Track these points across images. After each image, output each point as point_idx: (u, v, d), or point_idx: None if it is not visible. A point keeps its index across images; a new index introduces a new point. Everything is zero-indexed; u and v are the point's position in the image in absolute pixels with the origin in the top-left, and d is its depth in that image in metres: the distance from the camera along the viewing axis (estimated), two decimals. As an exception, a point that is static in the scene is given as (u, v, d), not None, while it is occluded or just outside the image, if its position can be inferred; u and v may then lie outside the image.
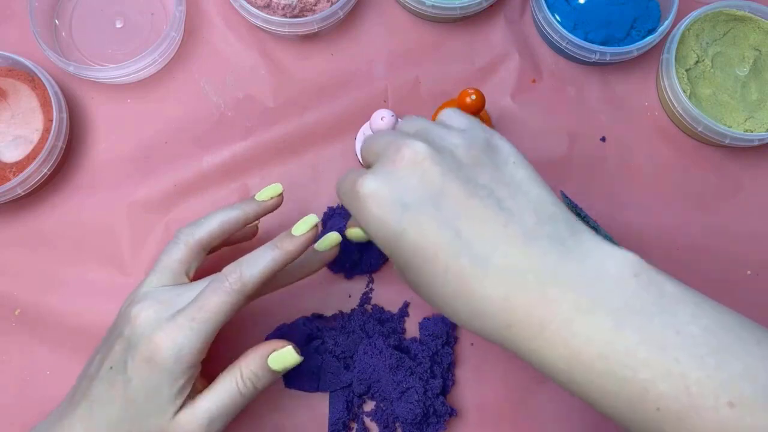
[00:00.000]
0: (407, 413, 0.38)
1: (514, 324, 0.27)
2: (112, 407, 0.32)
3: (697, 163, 0.46)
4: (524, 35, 0.48)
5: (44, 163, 0.42)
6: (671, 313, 0.26)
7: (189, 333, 0.32)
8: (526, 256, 0.27)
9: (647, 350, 0.25)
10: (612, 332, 0.25)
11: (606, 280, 0.27)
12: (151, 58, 0.44)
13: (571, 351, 0.26)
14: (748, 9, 0.46)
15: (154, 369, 0.32)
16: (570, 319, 0.26)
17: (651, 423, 0.25)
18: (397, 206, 0.28)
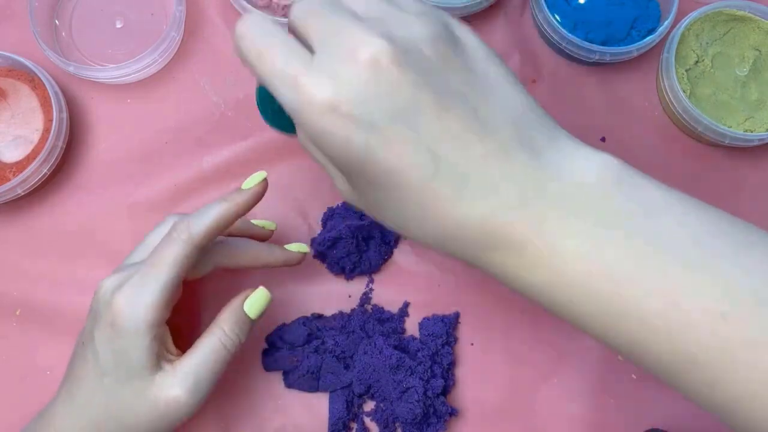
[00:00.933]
0: (407, 413, 0.38)
1: (492, 246, 0.25)
2: (88, 383, 0.32)
3: (697, 163, 0.46)
4: (524, 35, 0.48)
5: (44, 163, 0.42)
6: (657, 222, 0.24)
7: (145, 289, 0.31)
8: (503, 174, 0.25)
9: (633, 264, 0.23)
10: (595, 248, 0.24)
11: (588, 192, 0.25)
12: (151, 58, 0.44)
13: (554, 270, 0.25)
14: (748, 9, 0.46)
15: (118, 333, 0.31)
16: (551, 236, 0.24)
17: (637, 341, 0.24)
18: (363, 124, 0.24)
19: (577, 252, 0.24)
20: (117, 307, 0.31)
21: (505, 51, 0.48)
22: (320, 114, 0.25)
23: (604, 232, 0.24)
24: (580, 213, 0.25)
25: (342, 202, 0.44)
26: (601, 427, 0.41)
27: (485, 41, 0.47)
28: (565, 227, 0.24)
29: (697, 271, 0.23)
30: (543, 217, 0.25)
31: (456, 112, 0.25)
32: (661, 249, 0.24)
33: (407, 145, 0.25)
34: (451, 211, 0.25)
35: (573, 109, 0.47)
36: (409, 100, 0.25)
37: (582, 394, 0.42)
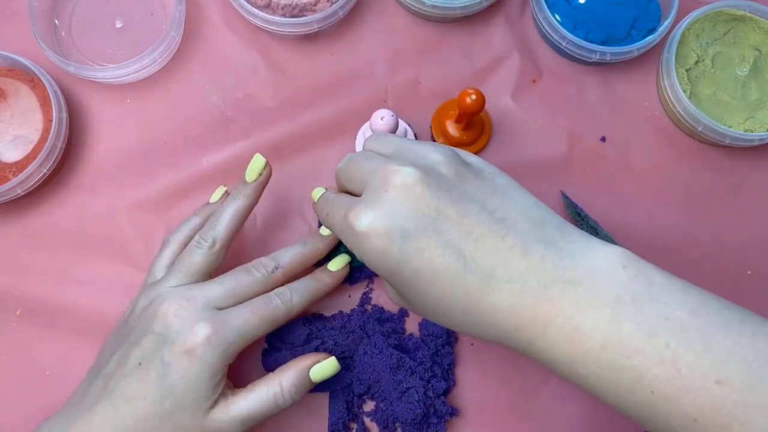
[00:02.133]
0: (407, 413, 0.38)
1: (520, 328, 0.29)
2: (142, 403, 0.33)
3: (697, 163, 0.46)
4: (524, 35, 0.48)
5: (44, 163, 0.42)
6: (661, 302, 0.27)
7: (228, 326, 0.34)
8: (526, 266, 0.29)
9: (640, 338, 0.27)
10: (608, 324, 0.27)
11: (599, 276, 0.28)
12: (151, 58, 0.44)
13: (574, 345, 0.28)
14: (748, 9, 0.46)
15: (195, 362, 0.33)
16: (571, 315, 0.28)
17: (646, 406, 0.27)
18: (396, 236, 0.29)
19: (594, 327, 0.27)
20: (200, 337, 0.33)
21: (505, 51, 0.48)
22: (363, 236, 0.30)
23: (616, 309, 0.27)
24: (595, 294, 0.28)
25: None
26: (601, 427, 0.41)
27: (485, 41, 0.48)
28: (583, 306, 0.28)
29: (695, 345, 0.26)
30: (563, 299, 0.28)
31: (476, 216, 0.30)
32: (664, 324, 0.27)
33: (434, 247, 0.29)
34: (482, 300, 0.29)
35: (573, 109, 0.47)
36: (434, 210, 0.29)
37: (582, 394, 0.42)
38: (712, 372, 0.26)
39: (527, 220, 0.30)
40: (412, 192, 0.30)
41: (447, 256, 0.29)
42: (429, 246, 0.29)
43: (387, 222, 0.29)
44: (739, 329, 0.27)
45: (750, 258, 0.45)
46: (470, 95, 0.39)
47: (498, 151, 0.46)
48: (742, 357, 0.26)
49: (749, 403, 0.25)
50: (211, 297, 0.35)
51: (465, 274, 0.29)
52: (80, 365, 0.42)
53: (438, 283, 0.29)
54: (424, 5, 0.45)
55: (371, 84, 0.47)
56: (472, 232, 0.29)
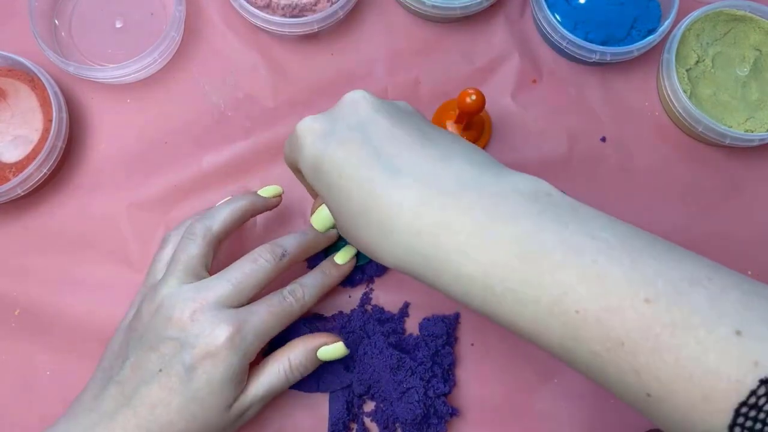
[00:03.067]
0: (407, 413, 0.38)
1: (424, 230, 0.27)
2: (166, 409, 0.32)
3: (697, 163, 0.46)
4: (524, 35, 0.48)
5: (44, 163, 0.42)
6: (585, 223, 0.26)
7: (249, 327, 0.34)
8: (442, 169, 0.28)
9: (564, 253, 0.25)
10: (528, 236, 0.25)
11: (522, 194, 0.27)
12: (151, 58, 0.44)
13: (488, 257, 0.26)
14: (749, 9, 0.46)
15: (218, 364, 0.33)
16: (486, 224, 0.26)
17: (569, 330, 0.25)
18: (327, 132, 0.30)
19: (513, 239, 0.26)
20: (219, 341, 0.33)
21: (505, 51, 0.48)
22: (299, 135, 0.32)
23: (537, 223, 0.26)
24: (515, 207, 0.26)
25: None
26: (601, 427, 0.41)
27: (485, 41, 0.48)
28: (501, 216, 0.26)
29: (623, 262, 0.25)
30: (477, 206, 0.26)
31: (407, 129, 0.30)
32: (590, 242, 0.25)
33: (354, 141, 0.29)
34: (387, 195, 0.28)
35: (573, 109, 0.47)
36: (367, 117, 0.30)
37: (582, 394, 0.42)
38: (640, 289, 0.24)
39: (457, 142, 0.30)
40: (355, 103, 0.31)
41: (364, 150, 0.29)
42: (352, 140, 0.29)
43: (323, 123, 0.31)
44: (666, 254, 0.25)
45: (751, 258, 0.45)
46: (470, 95, 0.39)
47: (498, 151, 0.46)
48: (670, 278, 0.24)
49: (678, 323, 0.23)
50: (221, 294, 0.35)
51: (375, 165, 0.28)
52: (80, 366, 0.42)
53: (348, 176, 0.29)
54: (424, 5, 0.45)
55: (371, 84, 0.47)
56: (397, 138, 0.29)
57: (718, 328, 0.23)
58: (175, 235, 0.39)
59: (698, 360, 0.23)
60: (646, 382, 0.24)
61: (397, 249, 0.28)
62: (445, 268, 0.27)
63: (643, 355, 0.24)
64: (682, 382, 0.23)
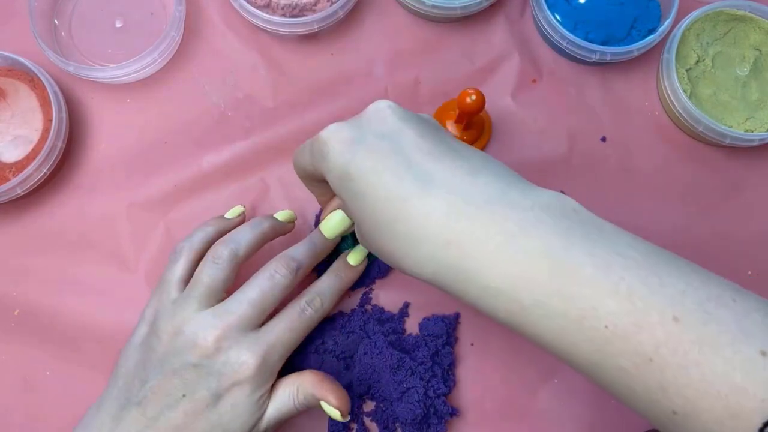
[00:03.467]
0: (407, 413, 0.38)
1: (453, 241, 0.27)
2: (193, 431, 0.32)
3: (697, 163, 0.46)
4: (524, 35, 0.48)
5: (44, 163, 0.42)
6: (612, 241, 0.26)
7: (274, 350, 0.34)
8: (470, 183, 0.28)
9: (593, 269, 0.25)
10: (557, 251, 0.26)
11: (549, 210, 0.27)
12: (151, 58, 0.44)
13: (516, 269, 0.26)
14: (749, 9, 0.46)
15: (245, 390, 0.33)
16: (513, 236, 0.26)
17: (596, 345, 0.25)
18: (355, 140, 0.30)
19: (543, 251, 0.26)
20: (249, 370, 0.33)
21: (505, 51, 0.48)
22: (324, 141, 0.31)
23: (566, 239, 0.26)
24: (544, 221, 0.26)
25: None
26: (601, 427, 0.41)
27: (485, 41, 0.48)
28: (530, 229, 0.26)
29: (651, 281, 0.25)
30: (508, 218, 0.27)
31: (435, 142, 0.30)
32: (617, 259, 0.25)
33: (383, 150, 0.29)
34: (415, 205, 0.28)
35: (573, 109, 0.47)
36: (397, 127, 0.30)
37: (582, 394, 0.42)
38: (668, 308, 0.24)
39: (484, 159, 0.30)
40: (381, 113, 0.31)
41: (394, 159, 0.29)
42: (381, 149, 0.29)
43: (351, 131, 0.31)
44: (692, 274, 0.26)
45: (750, 258, 0.45)
46: (470, 95, 0.39)
47: (498, 151, 0.46)
48: (697, 297, 0.25)
49: (705, 341, 0.24)
50: (243, 318, 0.34)
51: (405, 175, 0.28)
52: (80, 366, 0.42)
53: (377, 185, 0.28)
54: (424, 5, 0.45)
55: (371, 84, 0.47)
56: (425, 150, 0.29)
57: (744, 348, 0.23)
58: (187, 249, 0.38)
59: (726, 378, 0.23)
60: (673, 399, 0.24)
61: (425, 260, 0.28)
62: (473, 280, 0.27)
63: (671, 372, 0.24)
64: (710, 399, 0.23)
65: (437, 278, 0.28)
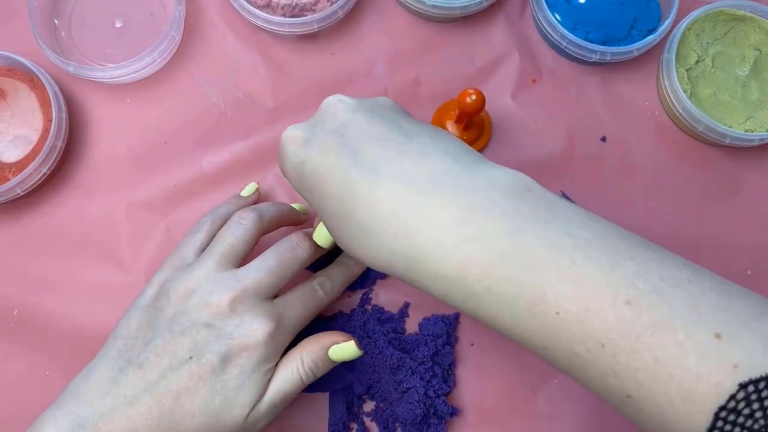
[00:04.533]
0: (407, 413, 0.38)
1: (400, 231, 0.26)
2: (191, 399, 0.31)
3: (697, 163, 0.46)
4: (524, 35, 0.48)
5: (44, 163, 0.42)
6: (564, 220, 0.26)
7: (287, 317, 0.34)
8: (418, 165, 0.27)
9: (544, 252, 0.25)
10: (507, 234, 0.25)
11: (499, 189, 0.26)
12: (150, 57, 0.44)
13: (466, 255, 0.25)
14: (749, 9, 0.46)
15: (252, 357, 0.32)
16: (460, 221, 0.25)
17: (549, 330, 0.25)
18: (307, 139, 0.31)
19: (491, 236, 0.25)
20: (260, 335, 0.33)
21: (505, 51, 0.48)
22: (282, 144, 0.32)
23: (515, 221, 0.25)
24: (492, 203, 0.26)
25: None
26: (601, 427, 0.41)
27: (485, 41, 0.48)
28: (477, 212, 0.25)
29: (602, 263, 0.24)
30: (454, 201, 0.26)
31: (385, 126, 0.29)
32: (568, 240, 0.25)
33: (332, 145, 0.29)
34: (366, 196, 0.27)
35: (573, 109, 0.47)
36: (348, 118, 0.30)
37: (582, 394, 0.42)
38: (620, 291, 0.24)
39: (433, 136, 0.29)
40: (332, 108, 0.31)
41: (342, 152, 0.29)
42: (330, 145, 0.29)
43: (304, 130, 0.31)
44: (644, 253, 0.25)
45: (750, 258, 0.45)
46: (470, 95, 0.39)
47: (498, 151, 0.46)
48: (650, 279, 0.24)
49: (659, 325, 0.23)
50: (260, 284, 0.34)
51: (353, 167, 0.28)
52: (80, 365, 0.42)
53: (329, 180, 0.29)
54: (424, 5, 0.45)
55: (371, 84, 0.47)
56: (374, 138, 0.29)
57: (698, 331, 0.23)
58: (210, 221, 0.38)
59: (678, 361, 0.23)
60: (626, 383, 0.24)
61: (378, 251, 0.28)
62: (424, 268, 0.26)
63: (624, 357, 0.23)
64: (662, 383, 0.23)
65: (392, 268, 0.28)
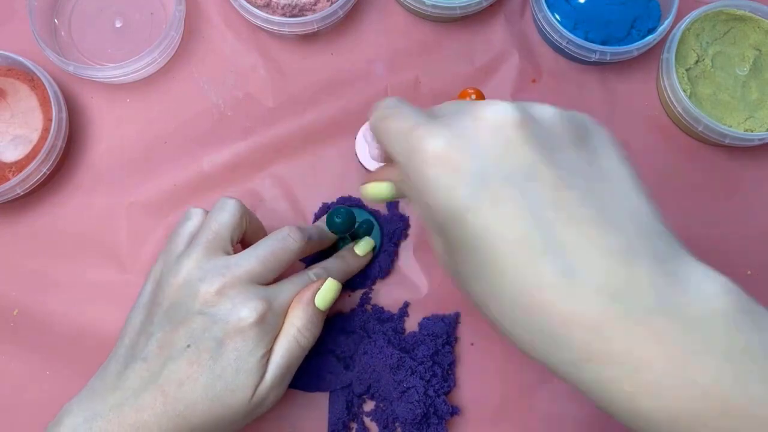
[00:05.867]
0: (407, 413, 0.38)
1: (595, 358, 0.22)
2: (192, 386, 0.32)
3: (697, 163, 0.46)
4: (524, 35, 0.48)
5: (44, 163, 0.42)
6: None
7: (278, 301, 0.34)
8: (626, 277, 0.22)
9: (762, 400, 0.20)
10: (733, 382, 0.21)
11: (721, 316, 0.22)
12: (150, 57, 0.44)
13: (680, 404, 0.21)
14: (748, 8, 0.46)
15: (248, 340, 0.32)
16: (682, 360, 0.21)
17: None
18: (472, 177, 0.23)
19: (715, 381, 0.21)
20: (252, 317, 0.32)
21: (505, 51, 0.48)
22: (428, 162, 0.24)
23: (738, 362, 0.21)
24: (711, 337, 0.21)
25: (338, 198, 0.45)
26: (601, 427, 0.41)
27: (485, 41, 0.48)
28: (698, 350, 0.21)
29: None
30: (670, 332, 0.21)
31: (576, 193, 0.23)
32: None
33: (514, 206, 0.23)
34: (557, 303, 0.22)
35: (573, 109, 0.47)
36: (526, 163, 0.23)
37: (581, 395, 0.42)
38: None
39: (637, 225, 0.23)
40: (503, 133, 0.24)
41: (526, 222, 0.22)
42: (508, 201, 0.23)
43: (464, 153, 0.24)
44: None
45: (750, 258, 0.45)
46: (470, 95, 0.39)
47: (498, 150, 0.46)
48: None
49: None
50: (252, 271, 0.34)
51: (542, 253, 0.22)
52: (80, 365, 0.42)
53: (503, 253, 0.23)
54: (424, 5, 0.45)
55: (371, 84, 0.47)
56: (566, 209, 0.23)
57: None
58: (201, 211, 0.37)
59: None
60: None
61: (557, 363, 0.23)
62: (620, 403, 0.23)
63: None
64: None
65: (568, 379, 0.24)
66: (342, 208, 0.38)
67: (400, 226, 0.44)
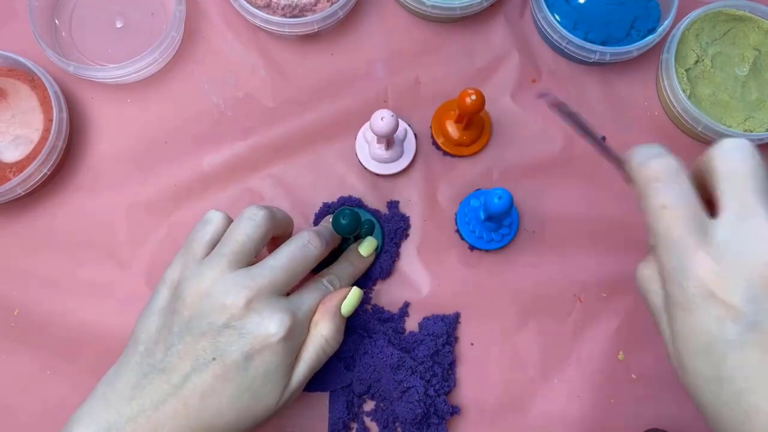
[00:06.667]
0: (408, 413, 0.38)
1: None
2: (218, 399, 0.31)
3: (697, 163, 0.46)
4: (524, 35, 0.48)
5: (44, 163, 0.42)
6: None
7: (301, 311, 0.34)
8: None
9: None
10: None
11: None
12: (151, 57, 0.44)
13: None
14: (748, 9, 0.46)
15: (276, 353, 0.32)
16: None
17: None
18: (744, 320, 0.23)
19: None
20: (281, 332, 0.32)
21: (505, 51, 0.48)
22: (700, 290, 0.24)
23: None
24: None
25: (338, 198, 0.44)
26: (601, 427, 0.41)
27: (485, 41, 0.48)
28: None
29: None
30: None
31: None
32: None
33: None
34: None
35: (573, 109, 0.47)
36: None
37: (582, 394, 0.42)
38: None
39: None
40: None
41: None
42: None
43: (741, 298, 0.23)
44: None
45: (750, 258, 0.45)
46: (470, 95, 0.39)
47: (498, 151, 0.46)
48: None
49: None
50: (276, 283, 0.34)
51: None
52: (80, 365, 0.42)
53: (752, 405, 0.23)
54: (424, 5, 0.45)
55: (371, 84, 0.47)
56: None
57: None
58: (222, 216, 0.36)
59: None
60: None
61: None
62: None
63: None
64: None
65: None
66: (347, 209, 0.38)
67: (401, 226, 0.44)
